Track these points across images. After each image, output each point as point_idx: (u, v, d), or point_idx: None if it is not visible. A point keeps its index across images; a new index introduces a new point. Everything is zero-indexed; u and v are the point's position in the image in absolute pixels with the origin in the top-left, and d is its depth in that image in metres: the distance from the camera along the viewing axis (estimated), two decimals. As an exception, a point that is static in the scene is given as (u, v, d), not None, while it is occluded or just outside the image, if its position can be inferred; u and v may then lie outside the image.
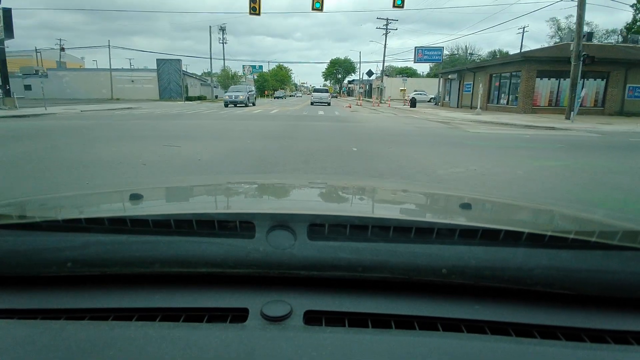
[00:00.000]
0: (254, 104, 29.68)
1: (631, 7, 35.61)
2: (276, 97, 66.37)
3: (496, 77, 25.63)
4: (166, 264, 0.63)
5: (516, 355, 0.51)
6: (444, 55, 44.69)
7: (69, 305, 0.60)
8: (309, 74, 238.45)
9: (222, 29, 51.43)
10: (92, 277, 0.64)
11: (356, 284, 0.63)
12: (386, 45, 44.41)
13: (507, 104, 24.04)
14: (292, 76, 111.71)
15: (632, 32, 34.20)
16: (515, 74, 23.26)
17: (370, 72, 49.00)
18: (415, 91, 45.58)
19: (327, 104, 32.32)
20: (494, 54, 61.55)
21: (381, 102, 37.74)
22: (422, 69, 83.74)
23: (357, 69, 77.78)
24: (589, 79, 20.30)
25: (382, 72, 50.47)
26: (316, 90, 36.28)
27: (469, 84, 29.18)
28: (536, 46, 44.47)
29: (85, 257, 0.64)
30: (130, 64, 72.03)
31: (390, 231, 0.67)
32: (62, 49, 59.18)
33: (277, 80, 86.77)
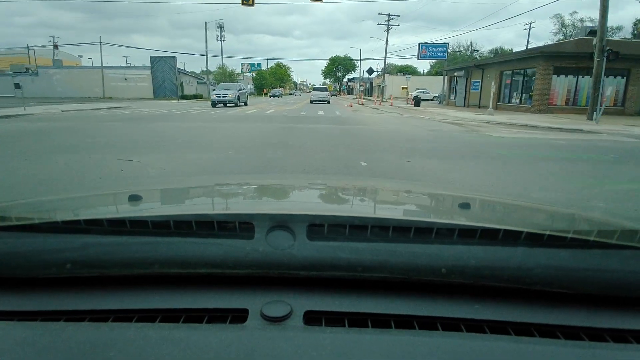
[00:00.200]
0: (245, 104, 27.30)
1: (638, 2, 34.21)
2: (272, 95, 60.85)
3: (507, 74, 23.96)
4: (166, 264, 0.63)
5: (516, 354, 0.51)
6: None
7: (68, 306, 0.60)
8: (308, 72, 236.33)
9: (219, 26, 49.92)
10: (91, 278, 0.64)
11: (356, 284, 0.63)
12: (387, 42, 42.92)
13: (519, 103, 22.41)
14: (292, 74, 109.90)
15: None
16: (528, 71, 21.67)
17: (370, 70, 47.59)
18: (417, 89, 43.87)
19: (327, 103, 31.62)
20: (495, 52, 60.03)
21: (382, 101, 36.18)
22: (423, 67, 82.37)
23: (357, 67, 76.12)
24: (608, 77, 18.67)
25: (384, 69, 48.78)
26: (316, 88, 35.88)
27: (477, 82, 27.49)
28: (539, 43, 43.01)
29: (84, 258, 0.63)
30: (126, 62, 70.29)
31: (389, 231, 0.66)
32: (56, 47, 57.86)
33: (276, 78, 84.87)
